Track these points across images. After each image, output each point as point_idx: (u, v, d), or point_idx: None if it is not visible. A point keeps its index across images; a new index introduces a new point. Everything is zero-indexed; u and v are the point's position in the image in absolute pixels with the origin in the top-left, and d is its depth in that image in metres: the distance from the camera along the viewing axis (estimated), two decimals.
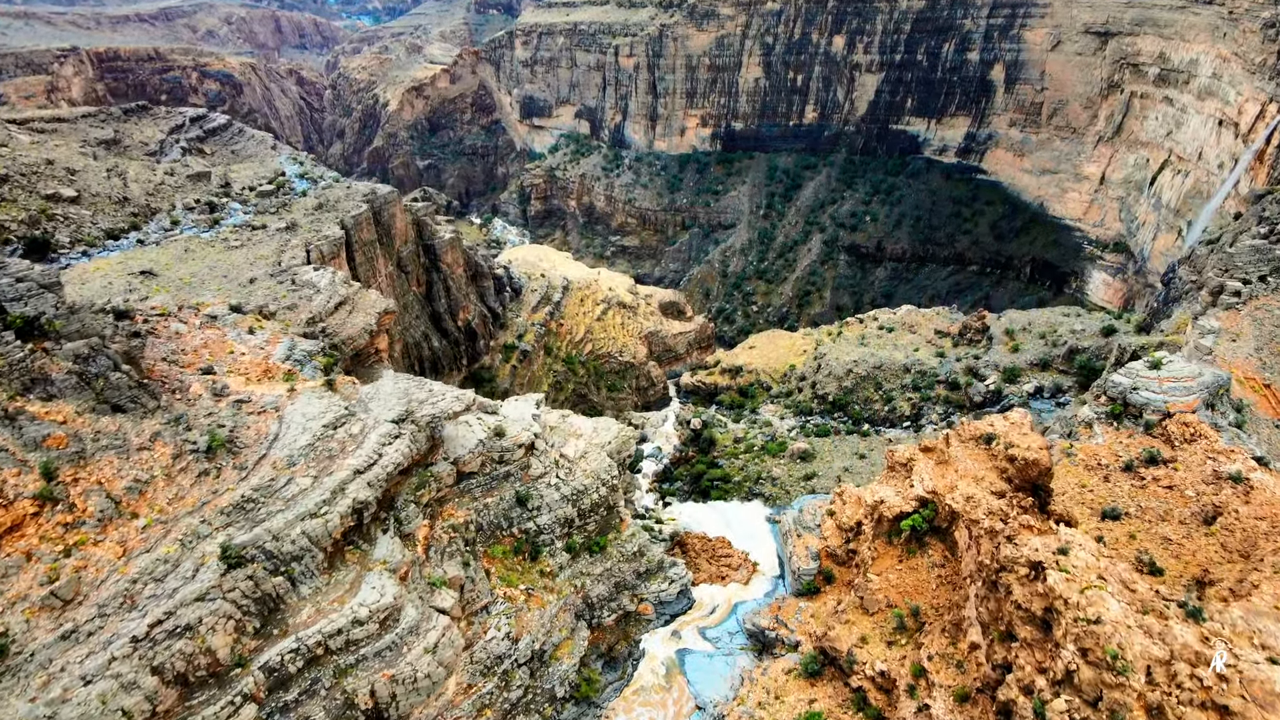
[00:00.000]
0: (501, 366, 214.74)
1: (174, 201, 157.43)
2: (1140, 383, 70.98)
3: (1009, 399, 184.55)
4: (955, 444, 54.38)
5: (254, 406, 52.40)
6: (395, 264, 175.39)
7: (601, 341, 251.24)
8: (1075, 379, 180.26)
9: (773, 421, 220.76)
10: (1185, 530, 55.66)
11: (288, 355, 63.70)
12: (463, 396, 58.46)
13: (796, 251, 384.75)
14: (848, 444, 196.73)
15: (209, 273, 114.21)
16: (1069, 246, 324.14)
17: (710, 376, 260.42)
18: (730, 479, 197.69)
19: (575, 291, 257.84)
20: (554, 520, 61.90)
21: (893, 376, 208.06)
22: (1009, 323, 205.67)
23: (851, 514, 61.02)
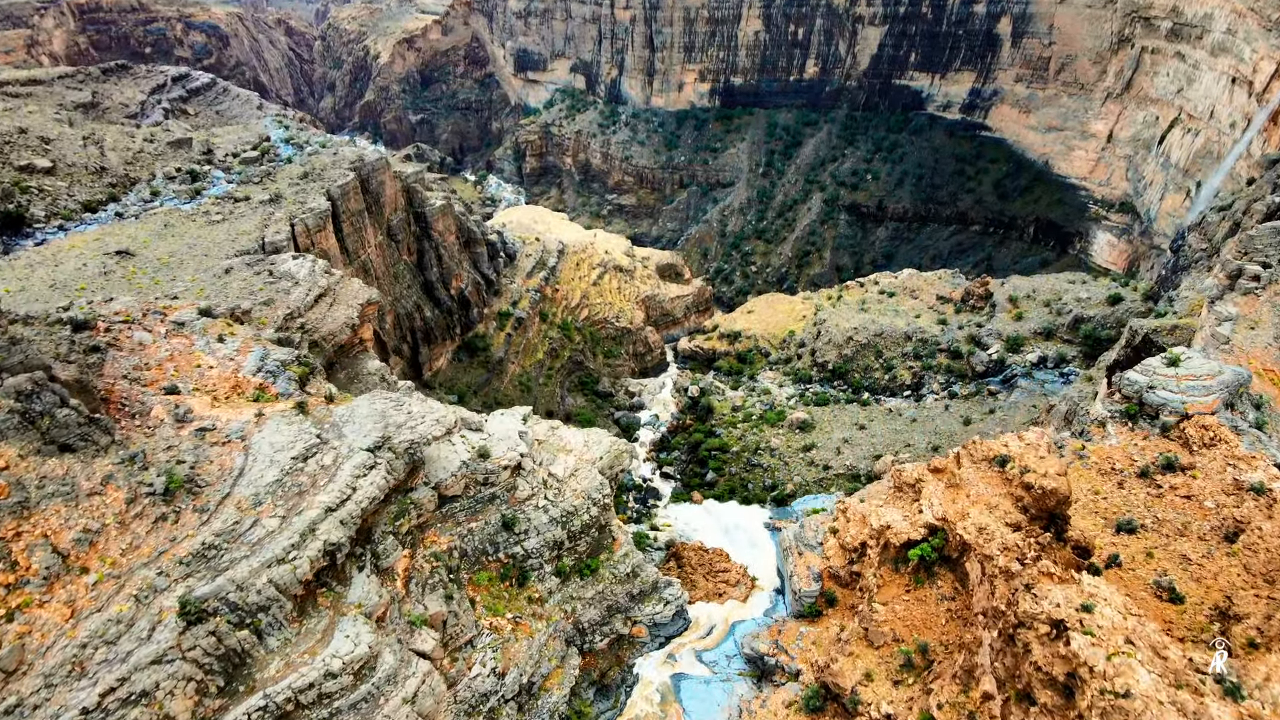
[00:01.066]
0: (496, 335, 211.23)
1: (154, 170, 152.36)
2: (1157, 381, 67.81)
3: (1012, 369, 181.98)
4: (966, 464, 51.40)
5: (218, 435, 48.99)
6: (385, 233, 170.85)
7: (598, 307, 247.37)
8: (1080, 348, 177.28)
9: (771, 389, 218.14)
10: (1205, 548, 53.01)
11: (259, 367, 60.14)
12: (444, 419, 54.97)
13: (796, 211, 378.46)
14: (847, 413, 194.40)
15: (188, 252, 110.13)
16: (1074, 206, 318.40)
17: (708, 342, 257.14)
18: (728, 448, 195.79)
19: (571, 255, 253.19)
20: (542, 544, 59.03)
21: (893, 344, 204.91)
22: (1013, 290, 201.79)
23: (856, 534, 58.30)
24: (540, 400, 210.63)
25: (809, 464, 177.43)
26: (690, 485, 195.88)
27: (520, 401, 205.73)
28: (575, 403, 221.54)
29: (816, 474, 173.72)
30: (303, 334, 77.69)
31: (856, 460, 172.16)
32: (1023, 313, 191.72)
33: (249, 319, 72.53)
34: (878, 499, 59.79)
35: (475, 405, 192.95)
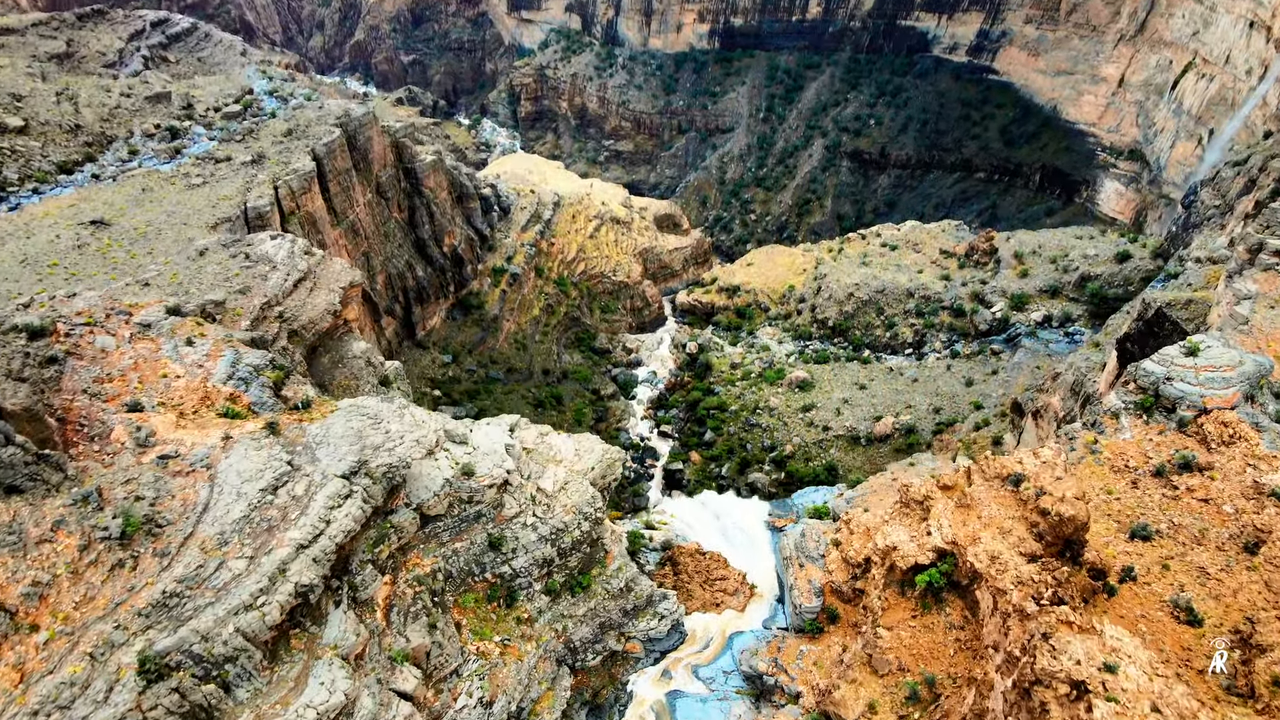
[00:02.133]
0: (490, 292, 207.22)
1: (131, 128, 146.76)
2: (1175, 372, 64.79)
3: (1016, 327, 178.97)
4: (978, 482, 48.73)
5: (181, 464, 45.82)
6: (374, 191, 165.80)
7: (594, 261, 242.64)
8: (1086, 307, 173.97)
9: (771, 346, 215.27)
10: (1224, 559, 50.75)
11: (230, 374, 56.65)
12: (424, 438, 51.73)
13: (797, 157, 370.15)
14: (848, 372, 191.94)
15: (166, 221, 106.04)
16: (1081, 153, 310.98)
17: (707, 295, 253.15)
18: (727, 407, 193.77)
19: (567, 208, 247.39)
20: (531, 562, 56.48)
21: (895, 301, 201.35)
22: (1018, 245, 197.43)
23: (859, 548, 55.91)
24: (536, 358, 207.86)
25: (808, 424, 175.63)
26: (688, 444, 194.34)
27: (516, 359, 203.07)
28: (572, 360, 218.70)
29: (816, 435, 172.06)
30: (281, 323, 74.12)
31: (856, 422, 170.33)
32: (1028, 269, 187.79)
33: (223, 310, 68.72)
34: (882, 509, 57.23)
35: (470, 364, 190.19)
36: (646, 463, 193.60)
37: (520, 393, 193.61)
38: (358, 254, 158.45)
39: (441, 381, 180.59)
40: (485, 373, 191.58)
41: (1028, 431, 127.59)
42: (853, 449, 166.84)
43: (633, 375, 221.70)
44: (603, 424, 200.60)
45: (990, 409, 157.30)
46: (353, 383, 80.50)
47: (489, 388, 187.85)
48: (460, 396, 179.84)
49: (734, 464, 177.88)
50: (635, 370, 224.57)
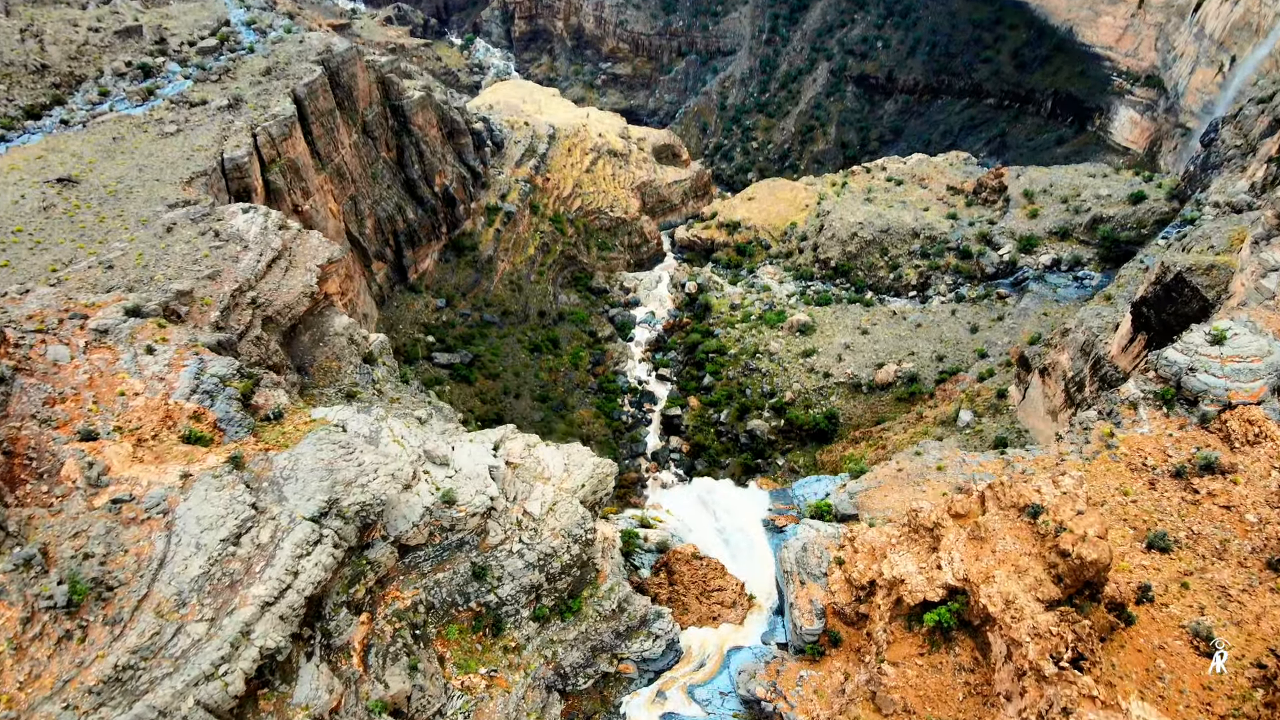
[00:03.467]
0: (484, 231, 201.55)
1: (101, 66, 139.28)
2: (1199, 363, 61.24)
3: (1024, 271, 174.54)
4: (993, 510, 45.70)
5: (136, 509, 42.36)
6: (360, 131, 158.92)
7: (591, 196, 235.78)
8: (1096, 250, 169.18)
9: (771, 286, 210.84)
10: (1246, 577, 48.29)
11: (194, 386, 52.71)
12: (400, 471, 47.99)
13: (801, 82, 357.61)
14: (849, 315, 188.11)
15: (138, 177, 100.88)
16: (1096, 79, 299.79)
17: (707, 231, 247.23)
18: (726, 351, 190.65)
19: (562, 141, 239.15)
20: (518, 589, 53.66)
21: (900, 242, 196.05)
22: (1028, 183, 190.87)
23: (864, 569, 53.35)
24: (532, 299, 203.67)
25: (808, 370, 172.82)
26: (686, 389, 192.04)
27: (511, 301, 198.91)
28: (569, 300, 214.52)
29: (816, 382, 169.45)
30: (254, 310, 69.73)
31: (858, 369, 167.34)
32: (1038, 209, 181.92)
33: (191, 301, 64.08)
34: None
35: (464, 308, 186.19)
36: (644, 407, 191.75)
37: (516, 336, 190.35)
38: (344, 198, 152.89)
39: (435, 327, 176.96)
40: (480, 316, 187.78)
41: (1034, 388, 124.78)
42: (854, 397, 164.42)
43: (630, 316, 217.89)
44: (600, 367, 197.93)
45: (995, 358, 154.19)
46: (335, 364, 77.11)
47: (484, 332, 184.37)
48: (454, 342, 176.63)
49: (733, 410, 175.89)
50: (633, 311, 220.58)
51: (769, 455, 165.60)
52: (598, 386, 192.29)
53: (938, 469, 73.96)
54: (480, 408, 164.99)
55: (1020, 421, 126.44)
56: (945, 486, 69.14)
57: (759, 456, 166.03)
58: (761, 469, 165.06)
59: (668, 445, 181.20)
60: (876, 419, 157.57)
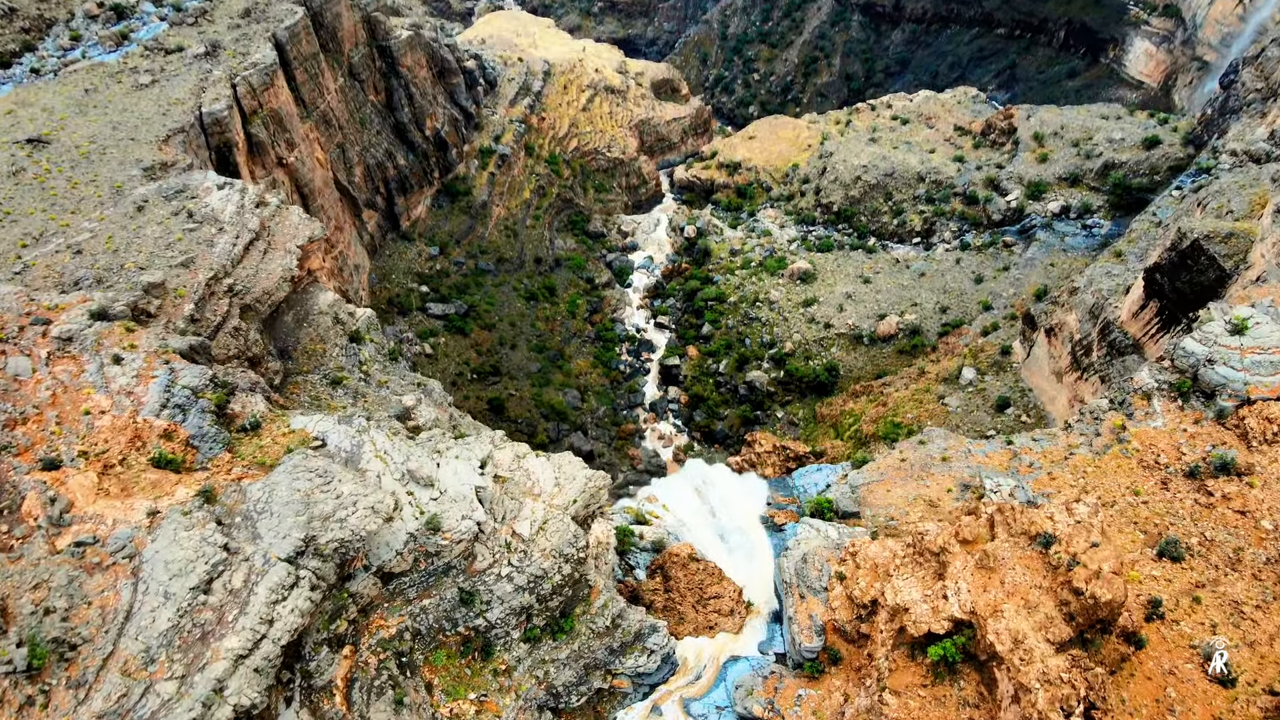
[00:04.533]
0: (478, 175, 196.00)
1: (72, 7, 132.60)
2: (1217, 354, 58.64)
3: (1031, 218, 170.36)
4: (1002, 536, 43.59)
5: (101, 553, 39.88)
6: (346, 74, 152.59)
7: (588, 136, 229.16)
8: (1107, 198, 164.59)
9: (772, 230, 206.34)
10: (1261, 591, 46.73)
11: (164, 400, 49.80)
12: (381, 504, 45.16)
13: (804, 10, 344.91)
14: (851, 262, 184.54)
15: (111, 136, 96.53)
16: (1111, 8, 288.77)
17: (706, 171, 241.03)
18: (725, 299, 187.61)
19: (558, 77, 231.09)
20: (508, 612, 51.74)
21: (904, 186, 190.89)
22: (1039, 125, 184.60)
23: (866, 586, 51.58)
24: (528, 245, 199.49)
25: (809, 321, 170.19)
26: (685, 338, 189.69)
27: (506, 247, 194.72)
28: (565, 245, 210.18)
29: (816, 333, 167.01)
30: (231, 299, 66.26)
31: (859, 319, 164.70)
32: (1048, 154, 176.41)
33: (163, 293, 60.59)
34: (894, 544, 52.20)
35: (458, 256, 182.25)
36: (642, 356, 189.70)
37: (511, 284, 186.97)
38: (331, 146, 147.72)
39: (429, 276, 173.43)
40: (475, 264, 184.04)
41: (1039, 347, 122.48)
42: (855, 349, 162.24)
43: (628, 261, 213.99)
44: (597, 315, 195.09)
45: (1000, 310, 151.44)
46: (319, 346, 74.32)
47: (479, 280, 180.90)
48: (449, 292, 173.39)
49: (732, 360, 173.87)
50: (631, 256, 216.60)
51: (768, 407, 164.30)
52: (595, 335, 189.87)
53: (942, 459, 72.12)
54: (476, 360, 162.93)
55: (1024, 380, 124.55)
56: (950, 481, 67.43)
57: (758, 408, 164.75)
58: (760, 421, 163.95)
59: (666, 396, 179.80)
60: (878, 372, 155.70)
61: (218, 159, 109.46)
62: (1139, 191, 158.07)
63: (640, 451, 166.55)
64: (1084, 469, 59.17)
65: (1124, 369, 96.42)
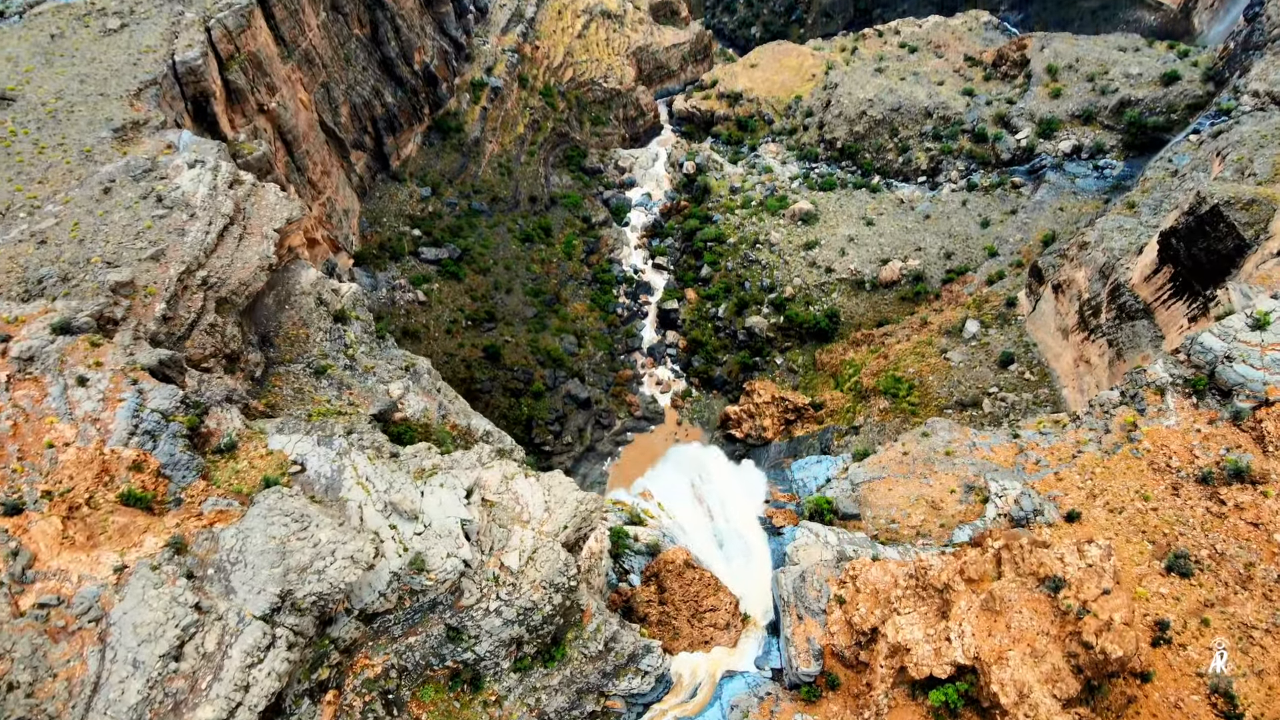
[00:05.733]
0: (469, 110, 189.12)
1: None
2: (1237, 350, 56.08)
3: (1041, 158, 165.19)
4: (1009, 576, 41.79)
5: (66, 616, 37.74)
6: (328, 8, 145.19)
7: (584, 65, 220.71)
8: (1121, 138, 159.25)
9: (774, 167, 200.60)
10: (1271, 613, 45.49)
11: (133, 426, 46.85)
12: (361, 552, 42.77)
13: None
14: (854, 202, 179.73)
15: (79, 90, 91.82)
16: None
17: (706, 101, 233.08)
18: (725, 239, 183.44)
19: (551, 2, 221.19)
20: (497, 644, 50.12)
21: (911, 122, 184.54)
22: (1053, 56, 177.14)
23: (866, 613, 50.03)
24: (522, 183, 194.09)
25: (810, 264, 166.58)
26: (684, 280, 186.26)
27: (500, 186, 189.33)
28: (561, 182, 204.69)
29: (817, 277, 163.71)
30: (205, 293, 62.67)
31: (861, 264, 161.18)
32: (1061, 88, 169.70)
33: (133, 293, 57.13)
34: (895, 568, 50.57)
35: (451, 197, 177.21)
36: (640, 299, 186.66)
37: (506, 225, 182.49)
38: (315, 86, 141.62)
39: (421, 219, 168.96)
40: (468, 205, 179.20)
41: (1045, 301, 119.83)
42: (856, 294, 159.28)
43: (625, 199, 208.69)
44: (594, 256, 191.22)
45: (1006, 257, 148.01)
46: (302, 331, 71.34)
47: (472, 222, 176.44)
48: (442, 234, 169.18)
49: (731, 305, 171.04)
50: (628, 193, 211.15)
51: (767, 353, 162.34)
52: (592, 277, 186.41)
53: (946, 453, 70.25)
54: (470, 306, 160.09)
55: (1029, 335, 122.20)
56: (953, 480, 65.70)
57: (757, 355, 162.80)
58: (759, 367, 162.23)
59: (664, 340, 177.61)
60: (879, 320, 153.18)
61: (194, 110, 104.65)
62: (1155, 131, 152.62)
63: (638, 398, 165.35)
64: (1092, 469, 57.51)
65: (1133, 334, 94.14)
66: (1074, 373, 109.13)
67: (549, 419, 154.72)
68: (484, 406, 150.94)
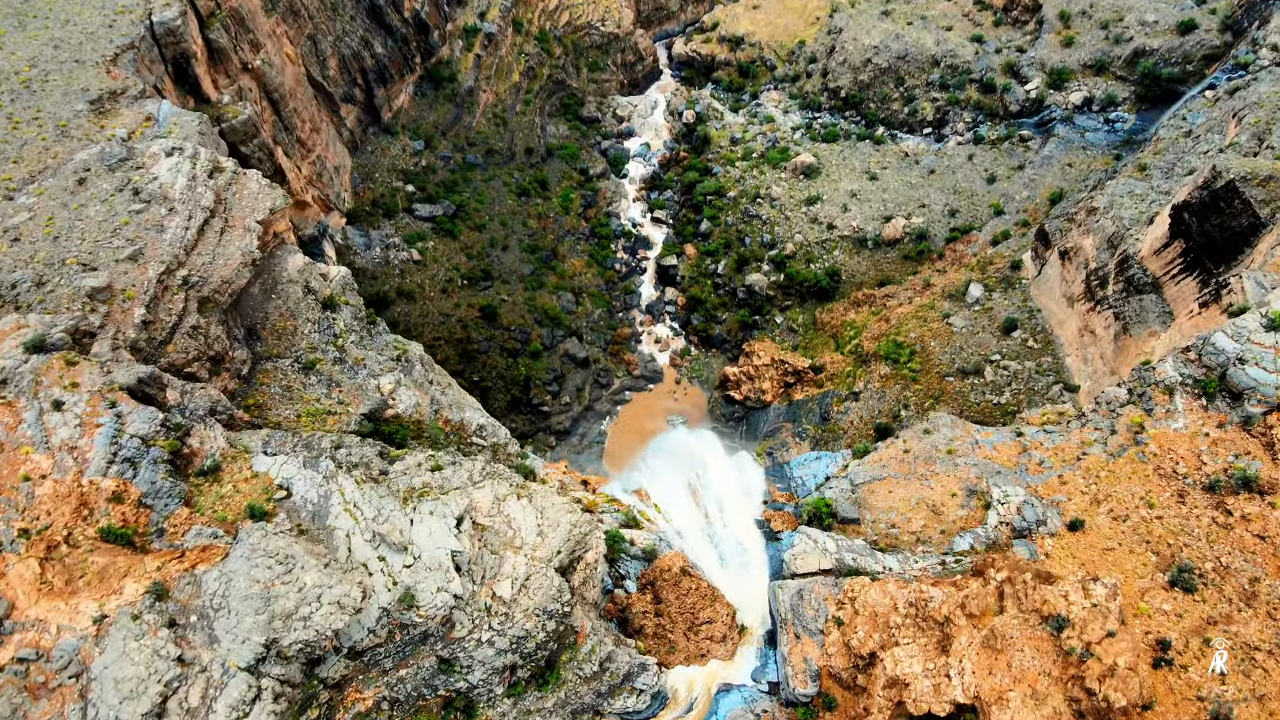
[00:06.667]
0: (463, 58, 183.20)
1: None
2: (1249, 352, 54.29)
3: (1051, 110, 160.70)
4: (1011, 611, 40.68)
5: (46, 671, 36.53)
6: None
7: (580, 7, 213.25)
8: (1133, 89, 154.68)
9: (775, 116, 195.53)
10: (1276, 634, 44.77)
11: (112, 455, 44.85)
12: (348, 597, 41.47)
13: None
14: (858, 155, 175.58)
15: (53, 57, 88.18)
16: None
17: (707, 45, 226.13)
18: (725, 193, 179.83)
19: None
20: (490, 672, 49.27)
21: (918, 71, 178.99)
22: (1065, 1, 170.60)
23: (864, 637, 49.20)
24: (518, 134, 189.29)
25: (811, 221, 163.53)
26: (683, 234, 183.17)
27: (495, 138, 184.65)
28: (558, 133, 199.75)
29: (819, 234, 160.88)
30: (186, 293, 60.14)
31: (864, 221, 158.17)
32: (1074, 36, 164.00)
33: (110, 298, 54.56)
34: (894, 590, 49.52)
35: (445, 150, 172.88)
36: (639, 254, 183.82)
37: (501, 179, 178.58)
38: (301, 39, 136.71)
39: (414, 174, 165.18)
40: (462, 158, 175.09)
41: (1051, 267, 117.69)
42: (858, 252, 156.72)
43: (624, 149, 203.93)
44: (592, 210, 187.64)
45: (1012, 215, 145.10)
46: (290, 323, 69.19)
47: (467, 176, 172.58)
48: (436, 190, 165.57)
49: (731, 261, 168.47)
50: (626, 143, 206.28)
51: (767, 312, 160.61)
52: (590, 232, 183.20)
53: (948, 452, 69.01)
54: (466, 265, 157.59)
55: (1033, 300, 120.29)
56: (955, 483, 64.66)
57: (756, 313, 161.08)
58: (759, 326, 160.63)
59: (663, 297, 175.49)
60: (881, 279, 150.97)
61: (175, 73, 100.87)
62: (1169, 83, 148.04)
63: (636, 356, 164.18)
64: (1097, 473, 56.51)
65: (1140, 308, 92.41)
66: (1078, 342, 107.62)
67: (547, 379, 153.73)
68: (481, 367, 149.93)
